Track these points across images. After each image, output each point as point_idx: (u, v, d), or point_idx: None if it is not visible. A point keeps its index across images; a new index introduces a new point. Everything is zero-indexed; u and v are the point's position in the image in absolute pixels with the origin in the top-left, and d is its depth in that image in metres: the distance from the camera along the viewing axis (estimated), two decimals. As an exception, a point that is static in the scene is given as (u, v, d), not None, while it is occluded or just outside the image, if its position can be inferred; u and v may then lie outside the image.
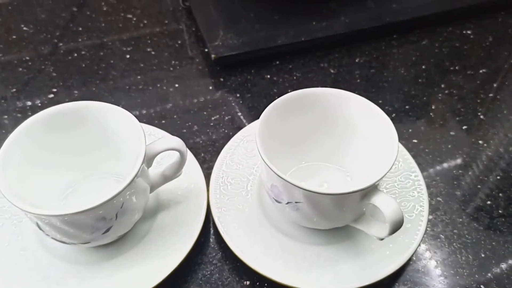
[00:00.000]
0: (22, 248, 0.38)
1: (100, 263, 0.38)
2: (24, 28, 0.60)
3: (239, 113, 0.51)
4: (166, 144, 0.37)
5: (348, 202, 0.35)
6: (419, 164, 0.44)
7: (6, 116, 0.50)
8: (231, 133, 0.49)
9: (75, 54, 0.57)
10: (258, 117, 0.47)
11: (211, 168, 0.44)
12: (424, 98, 0.53)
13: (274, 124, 0.39)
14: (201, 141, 0.48)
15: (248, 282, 0.38)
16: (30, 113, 0.50)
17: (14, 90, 0.53)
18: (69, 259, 0.38)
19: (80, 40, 0.59)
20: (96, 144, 0.40)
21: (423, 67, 0.56)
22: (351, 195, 0.34)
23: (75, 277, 0.37)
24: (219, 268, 0.39)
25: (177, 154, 0.38)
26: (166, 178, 0.40)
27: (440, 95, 0.53)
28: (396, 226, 0.34)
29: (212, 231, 0.42)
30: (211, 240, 0.41)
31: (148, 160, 0.37)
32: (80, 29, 0.60)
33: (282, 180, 0.34)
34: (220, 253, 0.40)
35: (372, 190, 0.34)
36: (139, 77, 0.54)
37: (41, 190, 0.38)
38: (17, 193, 0.33)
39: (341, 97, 0.40)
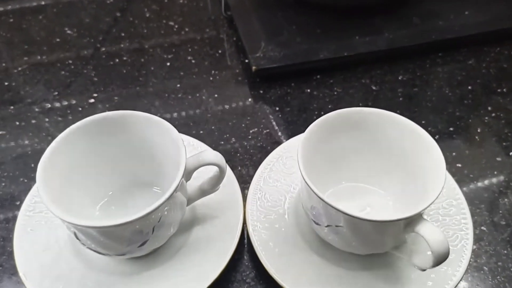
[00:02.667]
0: (57, 254, 0.38)
1: (134, 275, 0.38)
2: (68, 32, 0.61)
3: (277, 128, 0.50)
4: (206, 159, 0.36)
5: (391, 229, 0.34)
6: (462, 190, 0.42)
7: (47, 119, 0.51)
8: (269, 147, 0.48)
9: (117, 60, 0.57)
10: (296, 133, 0.46)
11: (247, 182, 0.44)
12: (470, 120, 0.51)
13: (316, 142, 0.38)
14: (238, 155, 0.47)
15: (282, 304, 0.37)
16: (70, 117, 0.51)
17: (56, 93, 0.53)
18: (104, 269, 0.38)
19: (122, 45, 0.59)
20: (135, 154, 0.40)
21: (469, 87, 0.54)
22: (395, 223, 0.33)
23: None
24: (253, 287, 0.39)
25: (216, 168, 0.38)
26: (204, 192, 0.39)
27: (486, 118, 0.51)
28: (441, 258, 0.32)
29: (246, 248, 0.41)
30: (245, 257, 0.40)
31: (187, 174, 0.37)
32: (123, 34, 0.61)
33: (323, 203, 0.33)
34: (254, 271, 0.39)
35: (416, 218, 0.33)
36: (178, 85, 0.54)
37: (78, 197, 0.38)
38: (57, 201, 0.33)
39: (386, 118, 0.38)
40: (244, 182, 0.44)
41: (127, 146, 0.39)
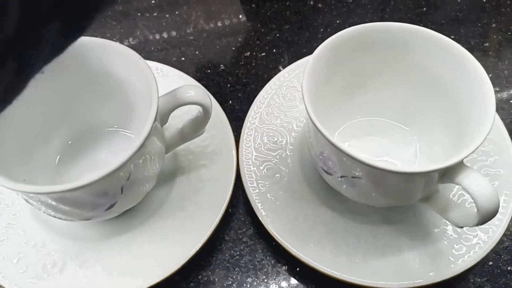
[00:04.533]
0: (12, 218, 0.32)
1: (105, 240, 0.32)
2: None
3: (275, 50, 0.42)
4: (184, 97, 0.29)
5: (422, 181, 0.27)
6: (502, 119, 0.35)
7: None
8: (265, 75, 0.41)
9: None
10: (298, 56, 0.39)
11: (241, 119, 0.36)
12: (509, 33, 0.43)
13: (326, 68, 0.30)
14: (228, 85, 0.40)
15: (285, 267, 0.32)
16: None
17: None
18: (69, 234, 0.32)
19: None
20: (95, 92, 0.33)
21: (507, -8, 0.45)
22: (428, 174, 0.26)
23: (76, 257, 0.31)
24: (251, 247, 0.32)
25: (198, 108, 0.30)
26: (185, 137, 0.32)
27: (528, 29, 0.43)
28: (489, 216, 0.26)
29: (242, 200, 0.34)
30: (240, 211, 0.34)
31: (162, 116, 0.29)
32: None
33: (337, 150, 0.26)
34: (252, 228, 0.33)
35: (457, 165, 0.26)
36: (153, 1, 0.45)
37: (28, 149, 0.31)
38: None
39: (417, 35, 0.30)
40: (237, 119, 0.37)
41: (83, 81, 0.32)
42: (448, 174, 0.26)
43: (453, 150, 0.28)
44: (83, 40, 0.30)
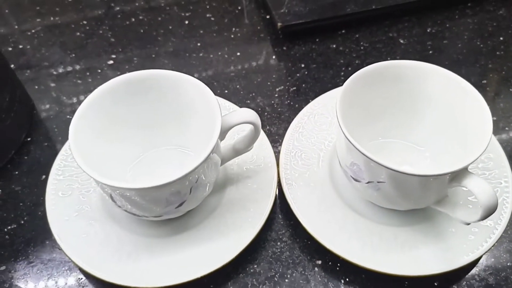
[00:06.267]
0: (92, 218, 0.38)
1: (169, 237, 0.37)
2: (79, -9, 0.59)
3: (304, 85, 0.48)
4: (242, 117, 0.35)
5: (435, 184, 0.33)
6: (500, 143, 0.41)
7: (66, 83, 0.49)
8: (296, 105, 0.47)
9: (133, 19, 0.55)
10: (324, 89, 0.45)
11: (277, 141, 0.43)
12: (503, 72, 0.49)
13: (353, 97, 0.36)
14: (266, 114, 0.46)
15: (320, 262, 0.37)
16: (90, 80, 0.49)
17: (73, 55, 0.52)
18: (138, 231, 0.37)
19: (136, 4, 0.57)
20: (164, 115, 0.39)
21: (501, 38, 0.52)
22: (440, 177, 0.32)
23: (145, 250, 0.36)
24: (289, 245, 0.38)
25: (250, 127, 0.36)
26: (237, 152, 0.38)
27: (520, 69, 0.49)
28: (490, 212, 0.31)
29: (280, 207, 0.40)
30: (279, 216, 0.40)
31: (222, 133, 0.35)
32: (136, -8, 0.58)
33: (365, 158, 0.32)
34: (290, 230, 0.39)
35: (463, 172, 0.32)
36: (199, 44, 0.52)
37: (108, 161, 0.37)
38: (90, 164, 0.32)
39: (427, 71, 0.37)
40: (274, 141, 0.43)
41: (156, 106, 0.38)
42: (456, 178, 0.32)
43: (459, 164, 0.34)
44: (157, 72, 0.37)
